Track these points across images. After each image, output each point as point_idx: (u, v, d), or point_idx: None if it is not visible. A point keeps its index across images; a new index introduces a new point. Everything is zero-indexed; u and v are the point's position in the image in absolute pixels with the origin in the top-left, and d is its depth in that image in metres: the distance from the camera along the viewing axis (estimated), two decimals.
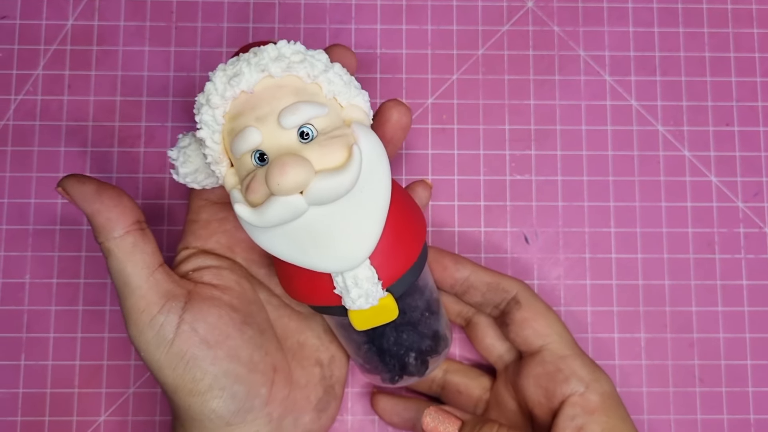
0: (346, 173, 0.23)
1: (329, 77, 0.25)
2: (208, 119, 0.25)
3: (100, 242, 0.27)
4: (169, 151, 0.27)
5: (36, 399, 0.35)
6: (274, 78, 0.24)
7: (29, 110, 0.37)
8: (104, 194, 0.27)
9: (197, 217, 0.31)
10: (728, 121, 0.37)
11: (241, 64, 0.24)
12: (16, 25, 0.37)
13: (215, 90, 0.24)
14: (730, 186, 0.37)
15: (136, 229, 0.28)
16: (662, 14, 0.38)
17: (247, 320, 0.29)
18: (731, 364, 0.36)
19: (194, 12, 0.38)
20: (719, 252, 0.37)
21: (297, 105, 0.24)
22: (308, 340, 0.31)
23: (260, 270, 0.31)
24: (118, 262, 0.27)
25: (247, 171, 0.24)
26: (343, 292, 0.25)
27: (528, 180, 0.37)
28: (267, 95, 0.24)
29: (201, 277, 0.29)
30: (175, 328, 0.27)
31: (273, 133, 0.24)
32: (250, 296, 0.30)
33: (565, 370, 0.30)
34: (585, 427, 0.29)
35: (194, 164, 0.27)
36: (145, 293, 0.27)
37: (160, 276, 0.28)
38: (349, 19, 0.38)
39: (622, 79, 0.38)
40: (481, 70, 0.38)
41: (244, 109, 0.24)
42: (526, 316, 0.31)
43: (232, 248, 0.31)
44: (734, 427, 0.35)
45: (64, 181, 0.27)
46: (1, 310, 0.35)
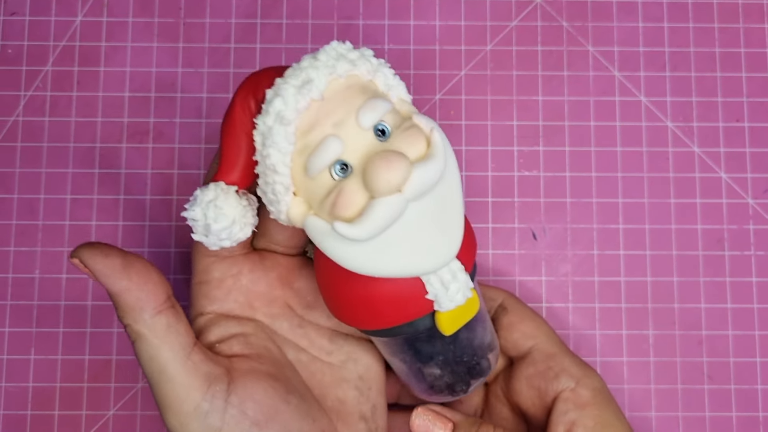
0: (437, 158, 0.22)
1: (384, 72, 0.24)
2: (280, 140, 0.22)
3: (127, 324, 0.24)
4: (188, 212, 0.24)
5: (45, 393, 0.35)
6: (340, 80, 0.23)
7: (38, 106, 0.37)
8: (132, 269, 0.24)
9: (208, 277, 0.28)
10: (738, 117, 0.37)
11: (308, 71, 0.23)
12: (25, 22, 0.37)
13: (285, 104, 0.22)
14: (740, 182, 0.37)
15: (168, 307, 0.25)
16: (672, 9, 0.38)
17: (289, 388, 0.27)
18: (740, 362, 0.36)
19: (202, 8, 0.38)
20: (729, 249, 0.36)
21: (372, 101, 0.23)
22: (347, 393, 0.29)
23: (283, 324, 0.29)
24: (151, 347, 0.24)
25: (326, 189, 0.22)
26: (439, 292, 0.24)
27: (536, 176, 0.37)
28: (338, 98, 0.23)
29: (230, 349, 0.27)
30: (223, 414, 0.25)
31: (354, 136, 0.22)
32: (281, 360, 0.28)
33: (555, 368, 0.30)
34: (578, 422, 0.29)
35: (229, 216, 0.24)
36: (185, 380, 0.24)
37: (198, 357, 0.25)
38: (357, 15, 0.38)
39: (632, 74, 0.37)
40: (489, 66, 0.37)
41: (318, 118, 0.22)
42: (513, 320, 0.31)
43: (252, 304, 0.28)
44: (743, 425, 0.35)
45: (83, 253, 0.24)
46: (11, 305, 0.36)
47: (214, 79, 0.37)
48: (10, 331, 0.36)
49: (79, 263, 0.24)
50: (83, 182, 0.36)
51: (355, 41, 0.37)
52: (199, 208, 0.24)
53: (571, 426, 0.29)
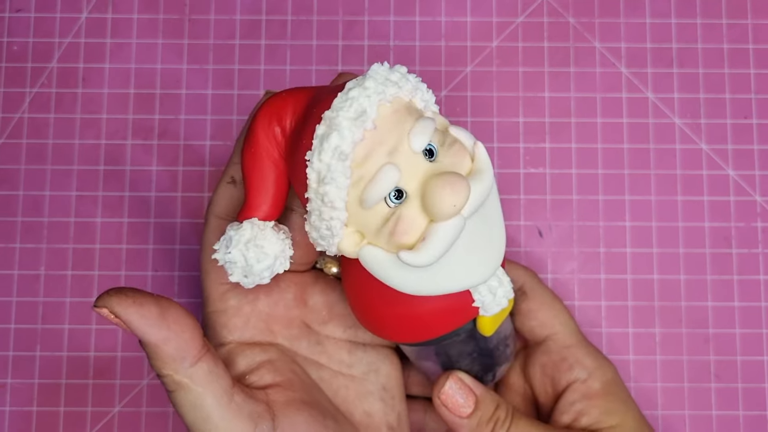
0: (487, 174, 0.22)
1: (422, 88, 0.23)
2: (339, 176, 0.21)
3: (167, 374, 0.23)
4: (225, 255, 0.23)
5: (51, 390, 0.35)
6: (387, 105, 0.22)
7: (44, 103, 0.37)
8: (169, 318, 0.23)
9: (224, 306, 0.27)
10: (746, 113, 0.37)
11: (360, 101, 0.21)
12: (30, 19, 0.37)
13: (342, 138, 0.21)
14: (748, 180, 0.37)
15: (206, 352, 0.23)
16: (679, 5, 0.38)
17: (324, 412, 0.26)
18: (747, 360, 0.35)
19: (207, 5, 0.38)
20: (736, 246, 0.36)
21: (421, 123, 0.22)
22: (373, 406, 0.29)
23: (302, 344, 0.28)
24: (194, 396, 0.23)
25: (382, 218, 0.22)
26: (486, 299, 0.25)
27: (542, 173, 0.37)
28: (389, 124, 0.22)
29: (261, 379, 0.26)
30: None
31: (409, 161, 0.21)
32: (308, 382, 0.27)
33: (570, 359, 0.30)
34: (584, 411, 0.29)
35: (271, 254, 0.23)
36: (231, 424, 0.23)
37: (240, 398, 0.24)
38: (362, 11, 0.38)
39: (639, 71, 0.37)
40: (495, 63, 0.37)
41: (371, 147, 0.21)
42: (531, 307, 0.31)
43: (271, 329, 0.27)
44: (750, 424, 0.35)
45: (112, 303, 0.22)
46: (16, 302, 0.36)
47: (219, 75, 0.37)
48: (15, 328, 0.36)
49: (109, 314, 0.22)
50: (88, 179, 0.36)
51: (360, 38, 0.37)
52: (236, 250, 0.23)
53: (577, 415, 0.30)
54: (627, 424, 0.29)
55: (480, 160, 0.23)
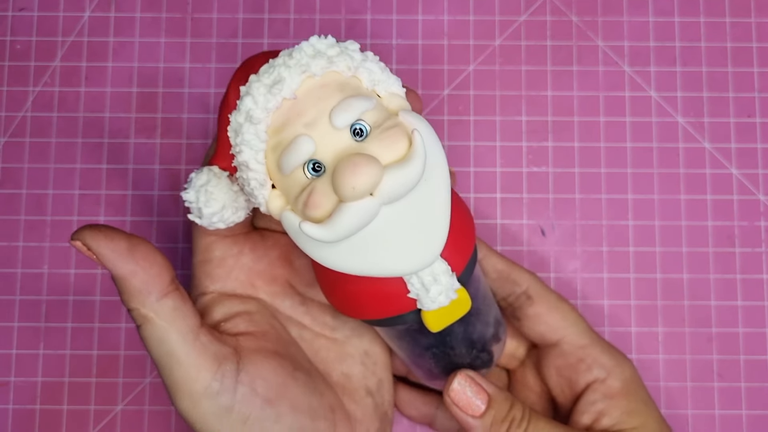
0: (415, 162, 0.21)
1: (368, 67, 0.23)
2: (251, 138, 0.22)
3: (134, 308, 0.24)
4: (184, 194, 0.24)
5: (54, 388, 0.35)
6: (314, 78, 0.22)
7: (47, 102, 0.37)
8: (137, 253, 0.24)
9: (209, 256, 0.27)
10: (750, 112, 0.37)
11: (279, 69, 0.22)
12: (33, 17, 0.37)
13: (255, 103, 0.22)
14: (752, 178, 0.36)
15: (174, 289, 0.24)
16: (682, 3, 0.38)
17: (295, 365, 0.27)
18: (750, 359, 0.35)
19: (210, 3, 0.38)
20: (739, 246, 0.36)
21: (347, 101, 0.22)
22: (352, 368, 0.29)
23: (284, 302, 0.29)
24: (158, 330, 0.24)
25: (300, 187, 0.22)
26: (420, 293, 0.24)
27: (545, 172, 0.37)
28: (312, 97, 0.22)
29: (235, 327, 0.27)
30: (233, 393, 0.25)
31: (326, 137, 0.22)
32: (285, 337, 0.28)
33: (587, 360, 0.30)
34: (605, 411, 0.29)
35: (220, 201, 0.24)
36: (195, 361, 0.24)
37: (206, 338, 0.25)
38: (365, 10, 0.38)
39: (642, 69, 0.37)
40: (497, 61, 0.37)
41: (289, 117, 0.22)
42: (539, 312, 0.30)
43: (253, 283, 0.28)
44: (753, 423, 0.35)
45: (87, 236, 0.23)
46: (19, 300, 0.36)
47: (222, 74, 0.37)
48: (18, 326, 0.36)
49: (82, 246, 0.23)
50: (91, 178, 0.36)
51: (363, 36, 0.37)
52: (193, 191, 0.24)
53: (598, 415, 0.29)
54: (649, 425, 0.29)
55: (413, 148, 0.22)
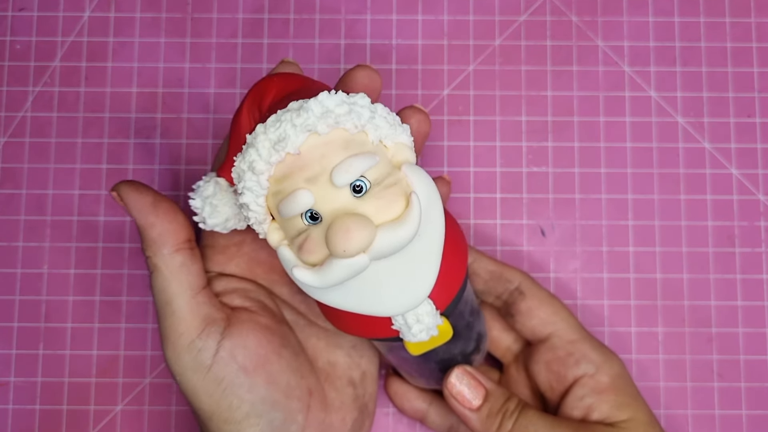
0: (408, 225, 0.22)
1: (376, 123, 0.23)
2: (252, 185, 0.23)
3: (148, 256, 0.26)
4: (192, 200, 0.26)
5: (54, 388, 0.35)
6: (320, 136, 0.23)
7: (47, 102, 0.37)
8: (160, 207, 0.26)
9: (213, 242, 0.29)
10: (750, 112, 0.37)
11: (285, 126, 0.22)
12: (33, 17, 0.37)
13: (259, 156, 0.22)
14: (751, 179, 0.36)
15: (187, 248, 0.27)
16: (682, 3, 0.38)
17: (283, 343, 0.28)
18: (750, 359, 0.35)
19: (210, 3, 0.38)
20: (739, 246, 0.36)
21: (349, 161, 0.22)
22: (339, 358, 0.30)
23: (283, 289, 0.30)
24: (163, 279, 0.26)
25: (297, 230, 0.23)
26: (402, 328, 0.25)
27: (545, 172, 0.37)
28: (315, 154, 0.22)
29: (231, 301, 0.28)
30: (214, 354, 0.26)
31: (326, 193, 0.22)
32: (279, 317, 0.29)
33: (576, 354, 0.30)
34: (594, 406, 0.29)
35: (223, 215, 0.26)
36: (186, 315, 0.26)
37: (203, 299, 0.27)
38: (365, 10, 0.37)
39: (642, 69, 0.37)
40: (497, 61, 0.37)
41: (292, 170, 0.23)
42: (530, 306, 0.31)
43: (253, 270, 0.30)
44: (753, 423, 0.35)
45: (121, 188, 0.26)
46: (19, 300, 0.36)
47: (222, 74, 0.37)
48: (18, 326, 0.36)
49: (117, 197, 0.26)
50: (91, 178, 0.36)
51: (363, 36, 0.37)
52: (200, 200, 0.25)
53: (587, 410, 0.29)
54: (639, 418, 0.29)
55: (409, 209, 0.22)
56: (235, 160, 0.23)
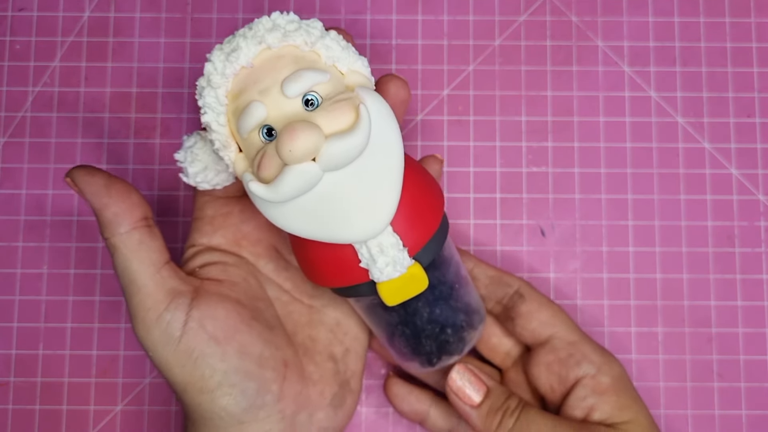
0: (356, 133, 0.23)
1: (326, 43, 0.25)
2: (212, 101, 0.24)
3: (106, 238, 0.27)
4: (176, 154, 0.27)
5: (54, 388, 0.35)
6: (272, 49, 0.24)
7: (46, 102, 0.37)
8: (113, 188, 0.27)
9: (202, 213, 0.30)
10: (749, 112, 0.37)
11: (238, 40, 0.24)
12: (33, 17, 0.37)
13: (215, 69, 0.24)
14: (751, 179, 0.36)
15: (143, 225, 0.27)
16: (682, 4, 0.38)
17: (256, 315, 0.29)
18: (750, 359, 0.35)
19: (209, 3, 0.38)
20: (739, 246, 0.36)
21: (299, 72, 0.24)
22: (320, 334, 0.31)
23: (268, 264, 0.31)
24: (123, 258, 0.27)
25: (256, 150, 0.24)
26: (369, 263, 0.25)
27: (545, 172, 0.37)
28: (267, 67, 0.24)
29: (207, 273, 0.29)
30: (182, 326, 0.27)
31: (277, 104, 0.24)
32: (257, 292, 0.30)
33: (577, 355, 0.30)
34: (596, 406, 0.29)
35: (202, 162, 0.27)
36: (151, 291, 0.27)
37: (167, 273, 0.27)
38: (365, 10, 0.37)
39: (641, 69, 0.37)
40: (497, 61, 0.37)
41: (246, 84, 0.24)
42: (531, 308, 0.31)
43: (238, 242, 0.30)
44: (753, 423, 0.35)
45: (74, 172, 0.27)
46: (19, 300, 0.36)
47: None
48: (18, 326, 0.36)
49: (71, 182, 0.27)
50: None
51: (363, 36, 0.37)
52: (182, 151, 0.27)
53: (589, 411, 0.29)
54: (640, 421, 0.29)
55: (359, 119, 0.23)
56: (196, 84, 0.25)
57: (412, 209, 0.25)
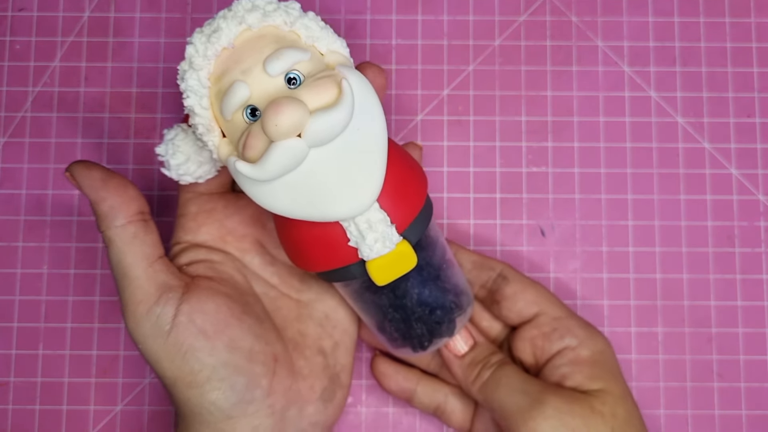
0: (340, 107, 0.23)
1: (305, 23, 0.25)
2: (194, 83, 0.24)
3: (102, 231, 0.27)
4: (157, 148, 0.27)
5: (54, 388, 0.35)
6: (252, 30, 0.24)
7: (46, 102, 0.37)
8: (110, 182, 0.27)
9: (186, 210, 0.30)
10: (749, 112, 0.37)
11: (218, 21, 0.24)
12: (33, 17, 0.37)
13: (196, 51, 0.24)
14: (751, 179, 0.36)
15: (139, 219, 0.27)
16: (682, 3, 0.38)
17: (245, 310, 0.29)
18: (750, 359, 0.35)
19: (209, 3, 0.38)
20: (739, 246, 0.36)
21: (280, 51, 0.24)
22: (309, 328, 0.31)
23: (254, 259, 0.31)
24: (117, 251, 0.27)
25: (240, 131, 0.24)
26: (358, 240, 0.25)
27: (545, 172, 0.37)
28: (248, 47, 0.24)
29: (195, 271, 0.29)
30: (172, 319, 0.27)
31: (260, 83, 0.24)
32: (245, 288, 0.30)
33: (561, 329, 0.31)
34: (568, 375, 0.30)
35: (184, 154, 0.27)
36: (143, 284, 0.27)
37: (159, 267, 0.28)
38: (365, 10, 0.37)
39: (641, 69, 0.37)
40: (497, 61, 0.37)
41: (228, 65, 0.24)
42: (515, 290, 0.32)
43: (224, 238, 0.30)
44: (753, 423, 0.35)
45: (73, 167, 0.27)
46: (19, 300, 0.36)
47: None
48: (18, 326, 0.36)
49: (70, 176, 0.27)
50: None
51: (363, 36, 0.37)
52: (163, 145, 0.27)
53: (561, 378, 0.30)
54: (612, 390, 0.30)
55: (342, 94, 0.23)
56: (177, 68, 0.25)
57: (397, 186, 0.26)
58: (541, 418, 0.28)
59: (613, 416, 0.29)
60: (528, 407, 0.28)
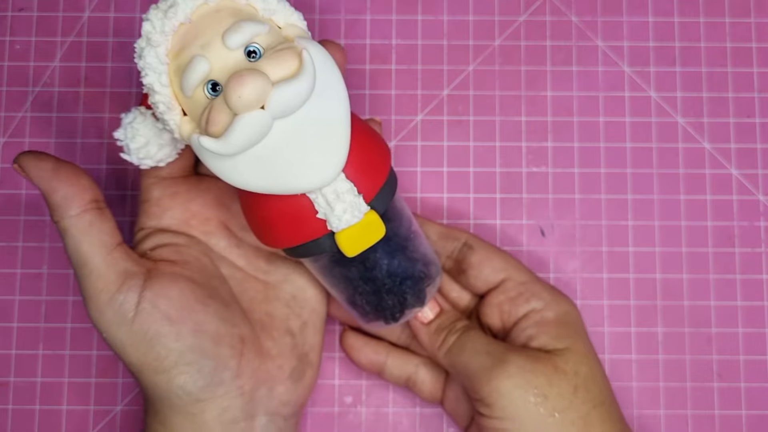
0: (302, 78, 0.23)
1: None
2: (152, 60, 0.24)
3: (56, 221, 0.27)
4: (115, 132, 0.27)
5: (54, 388, 0.35)
6: (209, 4, 0.24)
7: (46, 102, 0.37)
8: (61, 172, 0.27)
9: (149, 195, 0.30)
10: (749, 112, 0.37)
11: None
12: (33, 18, 0.37)
13: (153, 28, 0.24)
14: (751, 179, 0.36)
15: (93, 207, 0.27)
16: (682, 4, 0.38)
17: (210, 293, 0.29)
18: (750, 359, 0.35)
19: None
20: (739, 246, 0.36)
21: (239, 23, 0.24)
22: (276, 310, 0.31)
23: (220, 242, 0.31)
24: (74, 241, 0.27)
25: (202, 107, 0.24)
26: (326, 211, 0.25)
27: (544, 172, 0.37)
28: (206, 21, 0.24)
29: (159, 255, 0.29)
30: (135, 306, 0.27)
31: (220, 56, 0.24)
32: (210, 271, 0.30)
33: (527, 294, 0.31)
34: (533, 336, 0.30)
35: (144, 136, 0.26)
36: (103, 273, 0.27)
37: (119, 255, 0.27)
38: (365, 10, 0.38)
39: (641, 69, 0.37)
40: (497, 61, 0.37)
41: (186, 40, 0.24)
42: (481, 258, 0.32)
43: (188, 222, 0.30)
44: (753, 423, 0.35)
45: (21, 158, 0.27)
46: (19, 300, 0.36)
47: None
48: (18, 326, 0.36)
49: (19, 168, 0.27)
50: None
51: (362, 36, 0.37)
52: (122, 129, 0.26)
53: (527, 340, 0.30)
54: (576, 348, 0.30)
55: (303, 65, 0.23)
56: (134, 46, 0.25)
57: (361, 157, 0.26)
58: (504, 377, 0.28)
59: (576, 374, 0.29)
60: (491, 366, 0.29)
